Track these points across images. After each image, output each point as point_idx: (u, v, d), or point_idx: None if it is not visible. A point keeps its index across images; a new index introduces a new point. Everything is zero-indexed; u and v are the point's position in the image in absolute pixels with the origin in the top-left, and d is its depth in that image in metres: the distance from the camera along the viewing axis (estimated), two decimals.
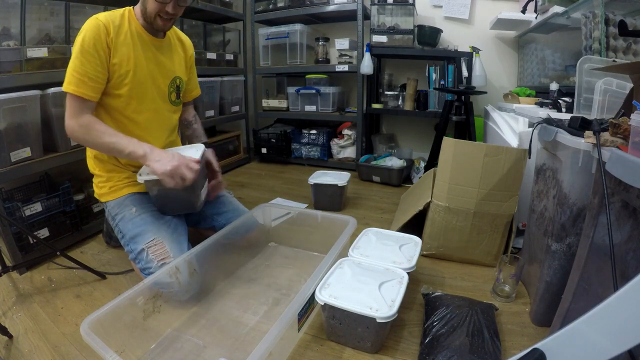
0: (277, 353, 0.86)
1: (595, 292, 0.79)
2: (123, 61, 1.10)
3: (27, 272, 1.30)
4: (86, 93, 1.04)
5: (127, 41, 1.11)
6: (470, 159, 1.27)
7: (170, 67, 1.24)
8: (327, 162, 2.74)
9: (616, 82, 1.09)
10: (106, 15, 1.08)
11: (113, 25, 1.07)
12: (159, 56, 1.20)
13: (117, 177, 1.22)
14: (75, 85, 1.03)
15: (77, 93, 1.03)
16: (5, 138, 1.24)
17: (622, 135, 0.70)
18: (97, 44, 1.03)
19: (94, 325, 0.77)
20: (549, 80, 1.81)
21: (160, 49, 1.21)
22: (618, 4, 1.42)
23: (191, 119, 1.47)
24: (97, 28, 1.03)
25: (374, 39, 2.38)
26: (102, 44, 1.05)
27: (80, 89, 1.03)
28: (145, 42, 1.16)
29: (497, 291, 1.15)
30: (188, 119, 1.46)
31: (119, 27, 1.09)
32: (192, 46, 1.37)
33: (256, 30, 2.74)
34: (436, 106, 2.39)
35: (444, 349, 0.85)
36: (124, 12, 1.13)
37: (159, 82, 1.21)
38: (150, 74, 1.18)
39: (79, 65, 1.02)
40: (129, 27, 1.12)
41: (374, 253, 1.14)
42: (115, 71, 1.09)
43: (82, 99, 1.04)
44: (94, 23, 1.04)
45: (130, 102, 1.15)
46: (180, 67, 1.30)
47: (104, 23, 1.05)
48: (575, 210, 0.91)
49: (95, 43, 1.03)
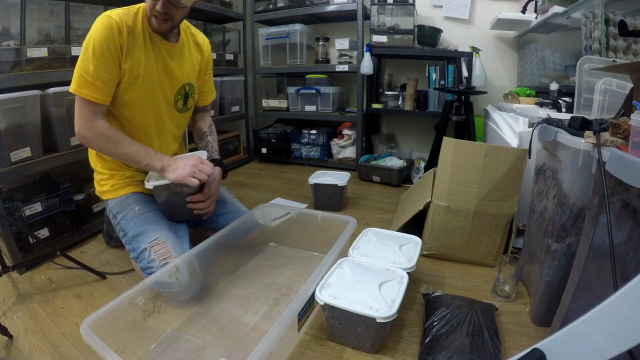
0: (277, 353, 0.86)
1: (595, 292, 0.79)
2: (134, 66, 1.06)
3: (27, 272, 1.30)
4: (99, 97, 1.01)
5: (139, 44, 1.06)
6: (470, 159, 1.27)
7: (179, 74, 1.19)
8: (327, 162, 2.74)
9: (616, 82, 1.09)
10: (119, 13, 1.03)
11: (126, 26, 1.02)
12: (169, 62, 1.15)
13: (119, 175, 1.22)
14: (88, 89, 1.00)
15: (89, 98, 1.00)
16: (5, 138, 1.24)
17: (622, 135, 0.70)
18: (110, 45, 0.99)
19: (94, 325, 0.77)
20: (549, 80, 1.81)
21: (172, 54, 1.16)
22: (618, 4, 1.42)
23: (206, 129, 1.39)
24: (110, 28, 0.99)
25: (374, 39, 2.38)
26: (115, 45, 1.01)
27: (93, 92, 1.00)
28: (157, 46, 1.12)
29: (497, 291, 1.15)
30: (203, 129, 1.39)
31: (133, 28, 1.05)
32: (209, 48, 1.31)
33: (256, 30, 2.74)
34: (436, 106, 2.39)
35: (444, 349, 0.85)
36: (138, 10, 1.07)
37: (165, 89, 1.18)
38: (159, 81, 1.14)
39: (91, 67, 0.98)
40: (142, 28, 1.07)
41: (374, 253, 1.14)
42: (125, 75, 1.06)
43: (95, 103, 1.02)
44: (106, 23, 0.99)
45: (134, 107, 1.13)
46: (192, 72, 1.25)
47: (117, 23, 1.00)
48: (575, 210, 0.91)
49: (108, 44, 0.99)
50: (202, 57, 1.28)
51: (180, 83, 1.21)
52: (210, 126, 1.40)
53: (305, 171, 2.59)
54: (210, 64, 1.34)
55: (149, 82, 1.12)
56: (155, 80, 1.13)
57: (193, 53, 1.24)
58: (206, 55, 1.30)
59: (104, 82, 1.01)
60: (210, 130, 1.39)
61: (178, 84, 1.21)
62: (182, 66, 1.20)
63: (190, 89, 1.26)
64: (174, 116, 1.26)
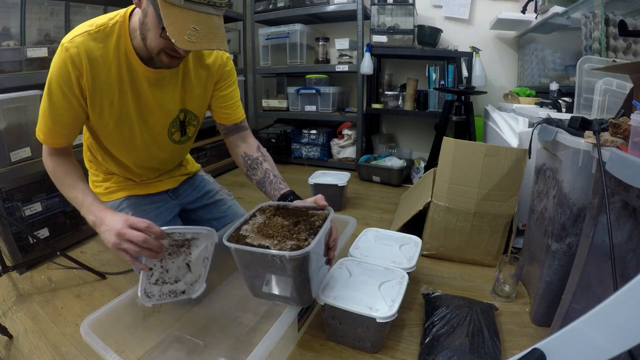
0: (277, 353, 0.86)
1: (595, 292, 0.79)
2: (104, 108, 0.87)
3: (27, 272, 1.30)
4: (57, 142, 0.89)
5: (109, 80, 0.85)
6: (470, 159, 1.27)
7: (169, 105, 0.96)
8: (327, 162, 2.74)
9: (616, 82, 1.09)
10: (83, 40, 0.79)
11: (89, 59, 0.80)
12: (154, 93, 0.91)
13: (114, 178, 1.19)
14: (44, 134, 0.88)
15: (48, 144, 0.90)
16: (5, 138, 1.24)
17: (622, 135, 0.70)
18: (64, 87, 0.81)
19: (94, 325, 0.77)
20: (549, 80, 1.80)
21: (157, 82, 0.91)
22: (618, 4, 1.42)
23: (256, 154, 1.07)
24: (64, 66, 0.79)
25: (374, 39, 2.38)
26: (72, 86, 0.81)
27: (50, 138, 0.88)
28: (136, 75, 0.88)
29: (497, 291, 1.15)
30: (252, 155, 1.06)
31: (100, 58, 0.82)
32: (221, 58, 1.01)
33: (256, 30, 2.75)
34: (436, 106, 2.39)
35: (444, 349, 0.85)
36: (114, 28, 0.83)
37: (152, 125, 0.97)
38: (141, 117, 0.94)
39: (48, 109, 0.84)
40: (117, 54, 0.84)
41: (374, 253, 1.14)
42: (94, 116, 0.89)
43: (52, 148, 0.91)
44: (61, 59, 0.79)
45: (113, 144, 0.98)
46: (191, 96, 1.00)
47: (74, 60, 0.79)
48: (575, 210, 0.91)
49: (62, 85, 0.81)
50: (209, 73, 1.00)
51: (171, 115, 0.99)
52: (258, 148, 1.08)
53: (305, 171, 2.58)
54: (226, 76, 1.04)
55: (126, 124, 0.93)
56: (135, 119, 0.93)
57: (193, 72, 0.97)
58: (214, 69, 1.00)
59: (63, 126, 0.87)
60: (262, 156, 1.07)
61: (169, 117, 0.99)
62: (173, 93, 0.96)
63: (188, 116, 1.03)
64: (172, 149, 1.07)
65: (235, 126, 1.10)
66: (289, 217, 0.88)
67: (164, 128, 1.00)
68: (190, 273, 0.89)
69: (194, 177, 1.31)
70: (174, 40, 0.70)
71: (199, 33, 0.71)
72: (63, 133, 0.88)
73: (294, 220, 0.86)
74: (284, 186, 1.04)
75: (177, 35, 0.70)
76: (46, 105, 0.84)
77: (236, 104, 1.09)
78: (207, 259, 0.93)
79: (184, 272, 0.88)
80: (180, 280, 0.87)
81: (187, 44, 0.70)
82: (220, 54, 1.02)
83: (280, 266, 0.77)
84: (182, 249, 0.86)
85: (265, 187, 1.05)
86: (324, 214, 0.90)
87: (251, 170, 1.06)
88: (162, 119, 0.98)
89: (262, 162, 1.06)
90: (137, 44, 0.85)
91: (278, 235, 0.80)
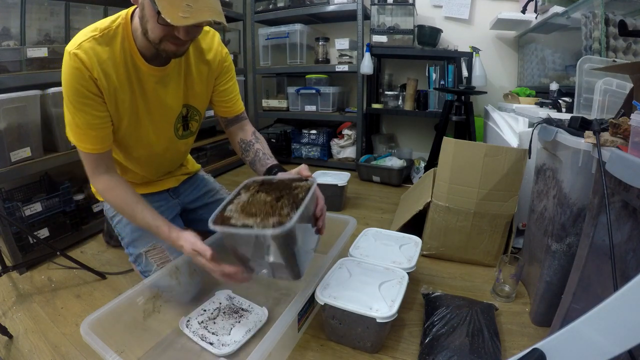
0: (277, 353, 0.86)
1: (595, 292, 0.79)
2: (118, 107, 0.91)
3: (27, 272, 1.30)
4: (93, 147, 0.90)
5: (120, 80, 0.88)
6: (470, 159, 1.27)
7: (173, 103, 1.01)
8: (327, 162, 2.74)
9: (616, 82, 1.09)
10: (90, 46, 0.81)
11: (99, 62, 0.83)
12: (159, 91, 0.96)
13: None
14: (78, 140, 0.89)
15: (85, 150, 0.90)
16: (5, 138, 1.24)
17: (622, 135, 0.70)
18: (83, 90, 0.83)
19: (94, 325, 0.77)
20: (549, 80, 1.81)
21: (162, 80, 0.95)
22: (618, 4, 1.42)
23: (249, 138, 1.12)
24: (77, 70, 0.81)
25: (374, 39, 2.38)
26: (90, 87, 0.84)
27: (86, 144, 0.89)
28: (142, 75, 0.91)
29: (497, 291, 1.15)
30: (245, 138, 1.12)
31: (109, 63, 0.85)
32: (221, 53, 1.05)
33: (256, 30, 2.74)
34: (436, 106, 2.39)
35: (444, 349, 0.85)
36: (117, 30, 0.86)
37: (157, 121, 1.01)
38: (149, 115, 0.98)
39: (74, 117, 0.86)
40: (123, 55, 0.87)
41: (374, 253, 1.14)
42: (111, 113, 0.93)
43: (93, 154, 0.91)
44: (72, 64, 0.81)
45: (122, 142, 1.01)
46: (193, 92, 1.04)
47: (85, 64, 0.81)
48: (575, 210, 0.91)
49: (80, 90, 0.83)
50: (210, 69, 1.04)
51: (175, 112, 1.04)
52: (253, 133, 1.14)
53: None
54: (225, 71, 1.08)
55: (137, 122, 0.97)
56: (144, 115, 0.97)
57: (194, 67, 1.01)
58: (215, 64, 1.04)
59: (94, 128, 0.88)
60: (256, 138, 1.12)
61: (174, 114, 1.03)
62: (177, 91, 1.00)
63: (190, 111, 1.08)
64: (176, 144, 1.12)
65: (236, 118, 1.15)
66: (272, 192, 0.85)
67: (170, 125, 1.04)
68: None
69: (194, 177, 1.32)
70: (169, 19, 0.71)
71: (192, 8, 0.72)
72: (96, 136, 0.89)
73: (277, 195, 0.83)
74: (271, 160, 1.06)
75: (172, 14, 0.71)
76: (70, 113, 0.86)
77: (236, 97, 1.14)
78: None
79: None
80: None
81: (182, 20, 0.72)
82: (219, 50, 1.05)
83: (266, 244, 0.77)
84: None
85: (255, 165, 1.08)
86: (307, 184, 0.88)
87: (245, 152, 1.12)
88: (168, 115, 1.02)
89: (255, 143, 1.11)
90: (140, 44, 0.88)
91: (261, 213, 0.77)
